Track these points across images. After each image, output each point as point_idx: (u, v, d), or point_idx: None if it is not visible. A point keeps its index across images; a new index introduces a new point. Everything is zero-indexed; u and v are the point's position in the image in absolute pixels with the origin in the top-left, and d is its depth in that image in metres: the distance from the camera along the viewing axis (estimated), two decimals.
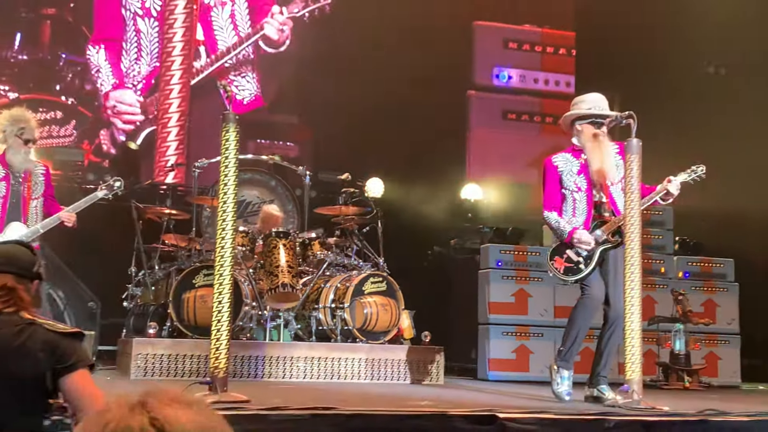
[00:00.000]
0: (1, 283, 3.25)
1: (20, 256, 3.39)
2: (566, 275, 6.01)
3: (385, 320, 7.47)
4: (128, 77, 11.27)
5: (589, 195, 5.98)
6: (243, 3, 11.73)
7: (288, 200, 9.28)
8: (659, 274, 8.92)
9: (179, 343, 6.96)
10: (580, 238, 5.88)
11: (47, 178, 6.73)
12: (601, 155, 5.92)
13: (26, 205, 6.53)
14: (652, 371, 8.23)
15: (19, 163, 6.48)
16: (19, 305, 3.24)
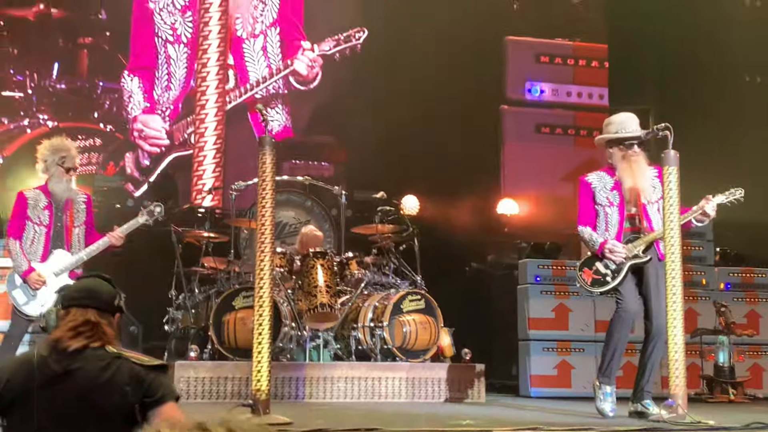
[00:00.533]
0: (85, 318, 3.22)
1: (101, 290, 3.35)
2: (593, 286, 6.04)
3: (424, 338, 7.43)
4: (159, 104, 11.38)
5: (621, 209, 6.01)
6: (275, 36, 11.80)
7: (324, 220, 9.29)
8: (700, 285, 8.81)
9: (220, 365, 6.98)
10: (612, 248, 5.89)
11: (88, 207, 6.78)
12: (633, 174, 5.92)
13: (69, 233, 6.58)
14: (696, 384, 8.13)
15: (61, 191, 6.53)
16: (103, 339, 3.20)
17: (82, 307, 3.25)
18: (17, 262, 6.44)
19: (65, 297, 3.37)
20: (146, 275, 8.74)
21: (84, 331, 3.18)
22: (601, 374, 5.99)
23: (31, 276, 6.38)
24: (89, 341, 3.16)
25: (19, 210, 6.53)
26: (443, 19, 11.57)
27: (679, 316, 5.26)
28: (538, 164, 12.52)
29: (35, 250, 6.48)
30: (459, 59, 11.56)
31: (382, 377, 7.24)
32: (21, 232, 6.48)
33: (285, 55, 11.75)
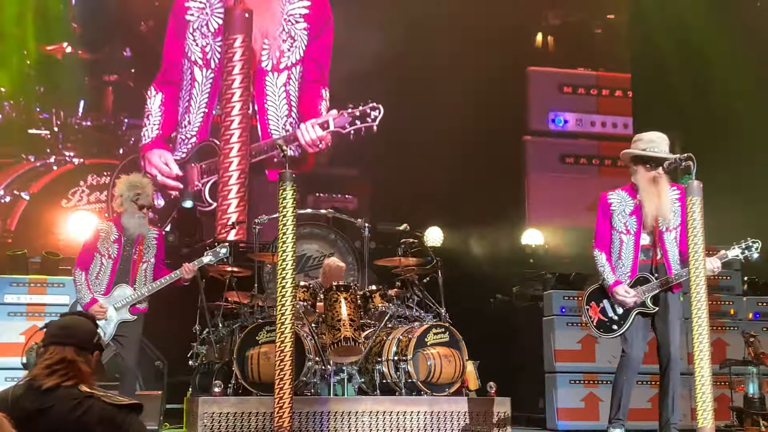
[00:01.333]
0: (61, 356, 3.26)
1: (80, 327, 3.39)
2: (598, 329, 5.98)
3: (449, 372, 7.37)
4: (179, 127, 11.43)
5: (637, 238, 5.89)
6: (298, 74, 11.86)
7: (348, 253, 9.29)
8: (729, 315, 8.73)
9: (244, 401, 6.94)
10: (623, 298, 5.82)
11: (159, 243, 6.85)
12: (656, 199, 5.80)
13: (135, 268, 6.65)
14: (726, 416, 8.02)
15: (133, 227, 6.63)
16: (78, 377, 3.24)
17: (60, 345, 3.29)
18: (81, 294, 6.53)
19: (45, 334, 3.41)
20: (171, 310, 8.72)
21: (59, 369, 3.22)
22: (612, 418, 5.91)
23: (93, 308, 6.43)
24: (63, 380, 3.20)
25: (90, 243, 6.63)
26: (465, 51, 11.62)
27: (706, 348, 5.17)
28: (562, 194, 12.49)
29: (100, 283, 6.56)
30: (482, 90, 11.59)
31: (407, 411, 7.17)
32: (89, 264, 6.57)
33: (301, 95, 11.79)
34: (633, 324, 5.86)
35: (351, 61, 11.68)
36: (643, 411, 8.05)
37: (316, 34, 11.88)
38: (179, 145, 11.46)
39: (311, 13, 11.84)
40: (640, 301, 5.83)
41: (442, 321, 7.71)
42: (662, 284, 5.80)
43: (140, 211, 6.65)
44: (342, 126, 11.06)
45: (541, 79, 12.98)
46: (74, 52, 11.40)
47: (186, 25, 11.53)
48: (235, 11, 11.55)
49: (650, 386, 8.24)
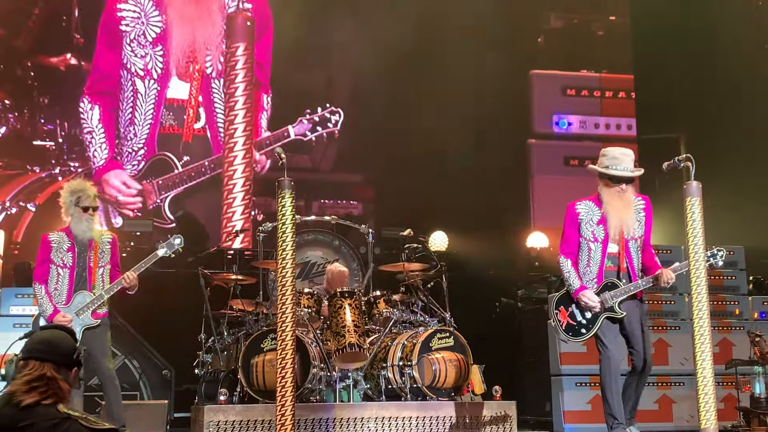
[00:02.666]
0: (40, 373, 3.23)
1: (60, 343, 3.36)
2: (566, 332, 6.11)
3: (454, 376, 7.38)
4: (124, 141, 11.41)
5: (604, 246, 6.04)
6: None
7: (352, 259, 9.30)
8: (734, 315, 8.72)
9: (249, 408, 6.97)
10: (587, 303, 5.94)
11: (113, 247, 6.78)
12: (618, 213, 5.94)
13: (92, 274, 6.61)
14: (733, 416, 8.01)
15: (82, 232, 6.58)
16: (57, 396, 3.21)
17: (40, 360, 3.26)
18: (43, 307, 6.49)
19: (26, 347, 3.37)
20: (178, 319, 8.79)
21: (38, 386, 3.20)
22: (609, 425, 5.95)
23: (56, 318, 6.40)
24: (42, 397, 3.17)
25: (43, 254, 6.59)
26: (468, 55, 11.64)
27: (708, 349, 5.18)
28: (567, 197, 12.40)
29: (60, 293, 6.53)
30: (485, 94, 11.62)
31: (413, 416, 7.18)
32: (46, 276, 6.55)
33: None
34: (601, 327, 5.98)
35: (351, 64, 11.73)
36: (650, 413, 8.08)
37: (257, 37, 11.85)
38: (126, 160, 11.42)
39: (252, 16, 11.82)
40: (608, 306, 5.92)
41: (446, 325, 7.72)
42: (630, 290, 5.94)
43: (86, 213, 6.57)
44: (302, 134, 11.10)
45: (544, 81, 12.99)
46: (77, 63, 11.44)
47: (120, 35, 11.48)
48: (236, 19, 11.58)
49: (656, 388, 8.26)
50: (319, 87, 11.85)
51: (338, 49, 11.82)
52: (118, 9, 11.43)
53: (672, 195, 6.64)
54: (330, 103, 11.57)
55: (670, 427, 8.21)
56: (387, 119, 11.57)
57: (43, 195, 11.06)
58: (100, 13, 11.43)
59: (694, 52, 11.87)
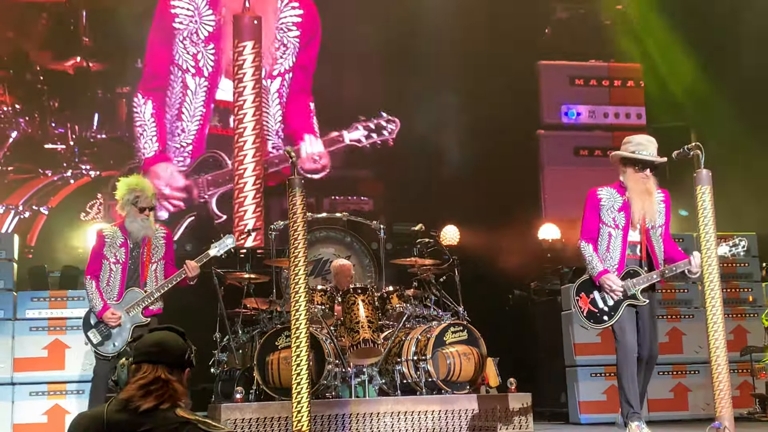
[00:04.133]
0: (155, 376, 3.13)
1: (172, 344, 3.25)
2: (588, 319, 6.01)
3: (468, 369, 7.41)
4: (172, 136, 11.47)
5: (625, 233, 5.98)
6: (288, 81, 11.90)
7: (364, 255, 9.33)
8: (748, 302, 8.71)
9: (266, 406, 7.00)
10: (611, 286, 5.88)
11: (168, 242, 6.73)
12: (642, 199, 5.91)
13: (145, 270, 6.55)
14: (748, 403, 8.01)
15: (136, 230, 6.52)
16: (174, 398, 3.11)
17: (152, 363, 3.17)
18: (93, 302, 6.43)
19: (136, 351, 3.26)
20: (192, 318, 8.78)
21: (154, 390, 3.10)
22: (625, 413, 5.93)
23: (106, 315, 6.36)
24: (159, 401, 3.08)
25: (96, 249, 6.54)
26: (476, 48, 11.62)
27: (722, 337, 5.19)
28: (578, 187, 12.38)
29: (111, 289, 6.47)
30: (493, 87, 11.58)
31: (428, 410, 7.21)
32: (98, 271, 6.48)
33: (288, 104, 11.80)
34: (623, 315, 5.92)
35: (360, 60, 11.72)
36: (665, 401, 8.10)
37: (306, 43, 11.88)
38: (174, 155, 11.48)
39: (303, 22, 11.86)
40: (631, 293, 5.88)
41: (460, 319, 7.75)
42: (652, 278, 5.89)
43: (142, 213, 6.53)
44: (357, 140, 11.08)
45: (552, 72, 12.94)
46: (86, 66, 11.48)
47: (173, 32, 11.53)
48: (243, 18, 11.59)
49: (672, 377, 8.26)
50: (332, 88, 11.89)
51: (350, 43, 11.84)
52: (172, 6, 11.48)
53: (685, 183, 6.61)
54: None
55: (686, 415, 8.21)
56: (395, 114, 11.55)
57: (56, 198, 11.09)
58: (109, 15, 11.45)
59: (703, 36, 11.83)
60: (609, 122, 12.86)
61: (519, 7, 12.19)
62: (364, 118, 10.83)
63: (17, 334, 7.81)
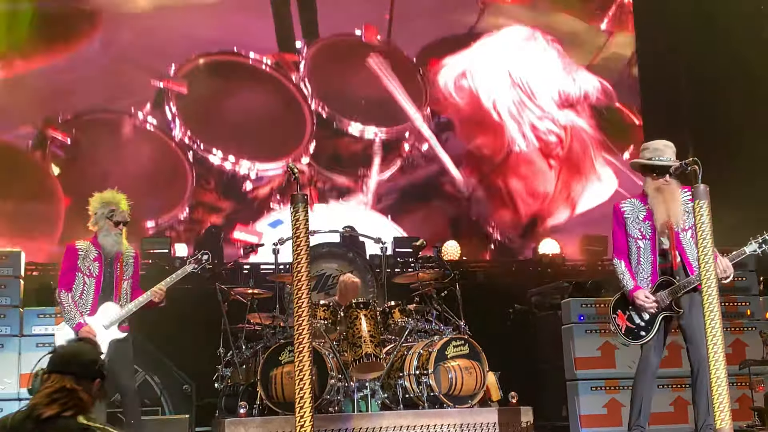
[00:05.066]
0: (61, 385, 3.25)
1: (82, 355, 3.38)
2: (627, 336, 5.93)
3: (470, 384, 7.38)
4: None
5: (653, 242, 5.89)
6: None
7: (366, 270, 9.30)
8: (746, 316, 8.68)
9: (269, 420, 6.98)
10: (643, 303, 5.80)
11: (136, 263, 6.75)
12: (664, 204, 5.81)
13: (118, 286, 6.55)
14: (747, 417, 7.97)
15: (110, 245, 6.51)
16: (78, 407, 3.23)
17: (60, 373, 3.29)
18: (69, 315, 6.39)
19: (49, 362, 3.40)
20: (197, 334, 8.80)
21: (59, 398, 3.22)
22: (633, 424, 5.88)
23: (82, 330, 6.32)
24: (62, 409, 3.19)
25: (69, 262, 6.51)
26: None
27: (720, 350, 5.15)
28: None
29: (85, 302, 6.44)
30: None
31: (430, 425, 7.18)
32: (71, 284, 6.45)
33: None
34: (659, 329, 5.87)
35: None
36: (665, 415, 8.05)
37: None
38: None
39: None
40: (666, 305, 5.81)
41: (461, 333, 7.73)
42: (686, 285, 5.77)
43: (116, 227, 6.53)
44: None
45: None
46: None
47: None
48: None
49: (671, 390, 8.23)
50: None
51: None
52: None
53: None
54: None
55: (686, 429, 8.16)
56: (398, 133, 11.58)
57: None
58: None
59: (698, 57, 11.86)
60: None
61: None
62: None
63: (23, 351, 7.81)
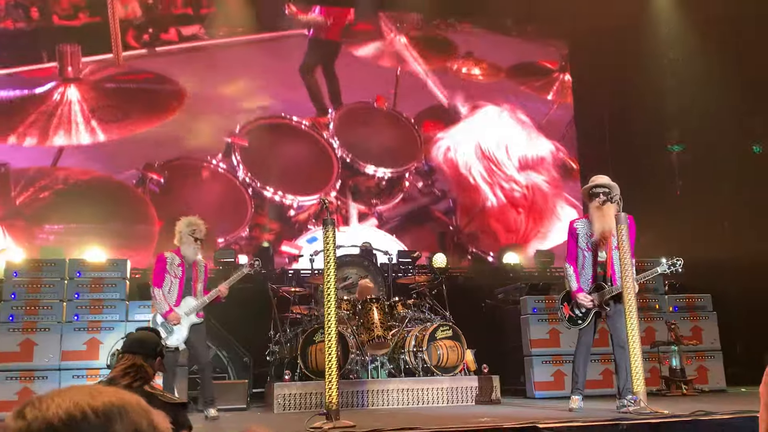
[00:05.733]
0: (132, 362, 3.27)
1: (147, 340, 3.40)
2: (568, 322, 5.96)
3: (453, 358, 7.35)
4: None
5: (594, 255, 5.88)
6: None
7: (377, 274, 9.27)
8: (655, 310, 8.62)
9: (307, 384, 6.95)
10: (581, 301, 5.81)
11: (206, 271, 6.78)
12: (600, 221, 5.78)
13: (195, 285, 6.56)
14: (657, 383, 7.90)
15: (190, 255, 6.54)
16: (144, 378, 3.25)
17: (131, 353, 3.31)
18: (160, 306, 6.40)
19: (123, 345, 3.43)
20: (254, 320, 8.77)
21: (130, 371, 3.24)
22: (573, 388, 5.86)
23: (170, 316, 6.34)
24: (133, 380, 3.21)
25: (160, 266, 6.55)
26: None
27: (637, 334, 5.15)
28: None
29: (171, 296, 6.44)
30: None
31: (425, 388, 7.15)
32: (162, 283, 6.48)
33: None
34: (592, 319, 5.86)
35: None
36: (596, 382, 7.98)
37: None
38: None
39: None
40: (597, 303, 5.79)
41: (447, 321, 7.69)
42: (611, 292, 5.78)
43: (195, 243, 6.55)
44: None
45: None
46: None
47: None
48: None
49: (600, 363, 8.16)
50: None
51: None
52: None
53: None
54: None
55: (611, 391, 8.11)
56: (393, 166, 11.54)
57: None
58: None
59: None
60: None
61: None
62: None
63: (129, 332, 7.78)
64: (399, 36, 12.19)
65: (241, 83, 11.61)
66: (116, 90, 11.20)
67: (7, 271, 7.87)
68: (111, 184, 10.90)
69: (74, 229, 10.49)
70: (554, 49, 12.95)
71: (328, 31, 11.96)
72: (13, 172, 10.54)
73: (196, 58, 11.48)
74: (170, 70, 11.43)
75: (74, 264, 7.98)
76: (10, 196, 10.47)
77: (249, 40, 11.68)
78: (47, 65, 10.96)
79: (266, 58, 11.74)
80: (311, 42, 11.96)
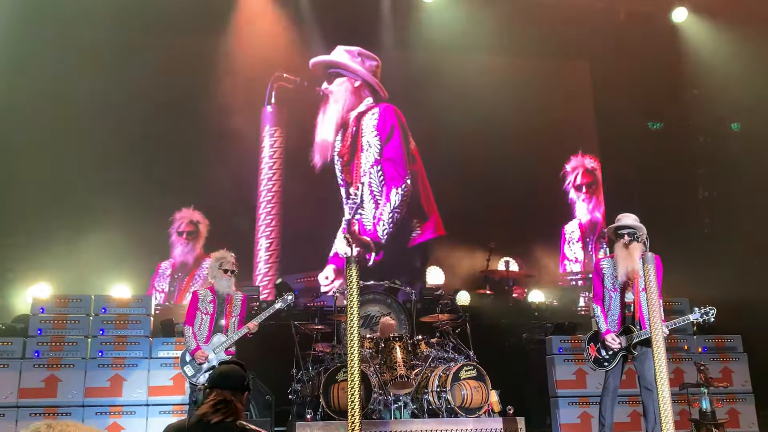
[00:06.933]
0: (222, 397, 3.23)
1: (235, 374, 3.35)
2: (594, 363, 5.88)
3: (478, 399, 7.26)
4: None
5: (621, 295, 5.81)
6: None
7: (400, 312, 9.24)
8: (684, 350, 8.49)
9: (329, 424, 6.91)
10: (610, 343, 5.73)
11: (243, 304, 6.78)
12: (624, 260, 5.73)
13: (227, 321, 6.60)
14: (686, 426, 7.74)
15: (222, 289, 6.59)
16: (235, 414, 3.20)
17: (220, 388, 3.27)
18: (189, 343, 6.47)
19: (210, 379, 3.37)
20: (277, 358, 8.75)
21: (221, 407, 3.21)
22: (600, 429, 5.77)
23: (197, 354, 6.40)
24: (225, 416, 3.18)
25: (193, 304, 6.62)
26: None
27: (665, 377, 5.05)
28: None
29: (202, 333, 6.50)
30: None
31: (449, 429, 7.05)
32: (193, 320, 6.54)
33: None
34: (618, 361, 5.77)
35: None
36: (624, 424, 7.85)
37: (389, 138, 11.80)
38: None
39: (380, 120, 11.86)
40: (625, 346, 5.71)
41: (471, 361, 7.62)
42: (640, 336, 5.68)
43: (226, 275, 6.57)
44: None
45: None
46: None
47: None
48: (264, 109, 11.75)
49: (628, 405, 8.03)
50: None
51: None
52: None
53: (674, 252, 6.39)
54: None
55: None
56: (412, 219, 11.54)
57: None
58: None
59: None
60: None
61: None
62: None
63: (152, 369, 7.84)
64: None
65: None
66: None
67: (33, 307, 7.99)
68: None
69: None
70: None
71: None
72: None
73: None
74: None
75: (99, 300, 8.07)
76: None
77: None
78: None
79: None
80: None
